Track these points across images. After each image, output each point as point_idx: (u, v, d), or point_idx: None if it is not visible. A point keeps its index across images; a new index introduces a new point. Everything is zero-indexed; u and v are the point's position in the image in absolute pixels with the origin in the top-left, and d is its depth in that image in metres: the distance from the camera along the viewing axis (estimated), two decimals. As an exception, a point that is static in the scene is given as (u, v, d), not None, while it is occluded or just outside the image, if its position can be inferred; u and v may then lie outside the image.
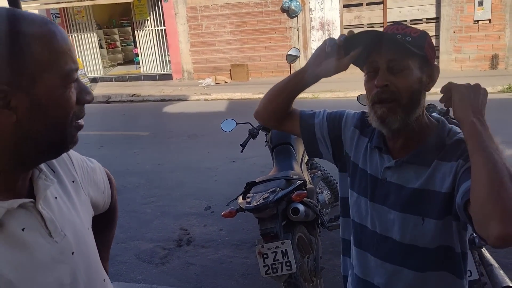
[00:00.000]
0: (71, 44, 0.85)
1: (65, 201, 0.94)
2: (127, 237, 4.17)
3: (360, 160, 1.36)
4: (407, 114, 1.19)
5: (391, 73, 1.17)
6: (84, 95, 0.87)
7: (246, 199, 2.67)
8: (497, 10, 10.46)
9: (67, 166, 1.02)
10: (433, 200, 1.18)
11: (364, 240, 1.35)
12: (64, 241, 0.88)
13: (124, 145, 7.16)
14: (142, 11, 13.29)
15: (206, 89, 11.46)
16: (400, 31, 1.18)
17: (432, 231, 1.20)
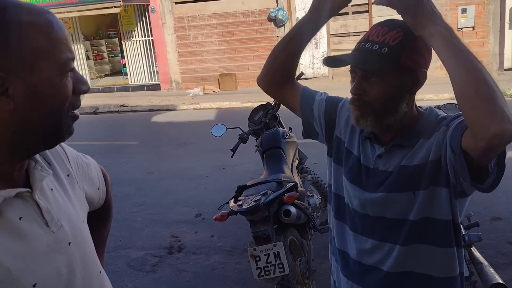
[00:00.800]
0: (67, 33, 0.86)
1: (61, 194, 0.95)
2: (117, 246, 4.13)
3: (355, 148, 1.37)
4: (379, 119, 1.21)
5: (366, 82, 1.19)
6: (80, 85, 0.88)
7: (237, 202, 2.68)
8: (480, 18, 10.67)
9: (62, 160, 1.02)
10: (419, 173, 1.20)
11: (359, 223, 1.35)
12: (61, 231, 0.88)
13: (113, 155, 7.11)
14: (129, 22, 13.29)
15: (195, 99, 11.46)
16: (380, 39, 1.17)
17: (424, 202, 1.22)
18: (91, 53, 15.76)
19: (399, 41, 1.15)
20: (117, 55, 17.08)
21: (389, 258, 1.29)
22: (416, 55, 1.17)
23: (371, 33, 1.21)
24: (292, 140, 3.54)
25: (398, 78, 1.17)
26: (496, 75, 10.72)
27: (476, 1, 10.63)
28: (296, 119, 1.51)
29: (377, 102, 1.19)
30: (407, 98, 1.22)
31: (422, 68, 1.20)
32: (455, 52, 1.05)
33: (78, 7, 12.16)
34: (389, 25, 1.20)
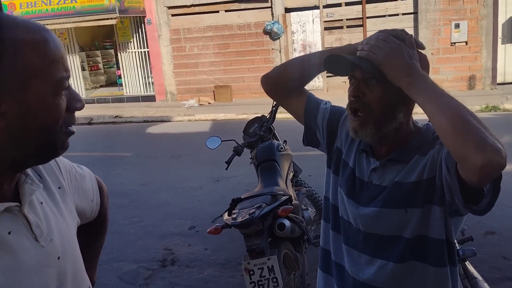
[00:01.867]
0: (64, 51, 0.85)
1: (51, 207, 0.94)
2: (109, 259, 4.08)
3: (351, 160, 1.38)
4: (378, 127, 1.22)
5: (365, 85, 1.20)
6: (74, 103, 0.87)
7: (231, 215, 2.66)
8: (473, 33, 10.80)
9: (54, 172, 1.01)
10: (413, 191, 1.21)
11: (351, 237, 1.35)
12: (50, 245, 0.87)
13: (107, 166, 7.07)
14: (125, 33, 13.33)
15: (190, 110, 11.46)
16: None
17: (416, 220, 1.22)
18: (86, 63, 15.77)
19: None
20: (112, 66, 17.10)
21: (382, 275, 1.29)
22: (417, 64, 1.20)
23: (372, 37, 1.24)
24: (287, 153, 3.54)
25: (395, 85, 1.19)
26: (489, 89, 10.83)
27: (469, 17, 10.77)
28: (290, 132, 1.52)
29: (375, 106, 1.20)
30: (404, 108, 1.23)
31: None
32: (429, 98, 1.09)
33: (74, 18, 12.20)
34: (396, 35, 1.23)
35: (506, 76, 11.17)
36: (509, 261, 3.51)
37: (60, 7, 12.13)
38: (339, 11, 11.57)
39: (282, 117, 9.65)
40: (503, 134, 7.24)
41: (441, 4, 10.84)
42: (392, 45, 1.15)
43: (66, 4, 12.11)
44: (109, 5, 11.67)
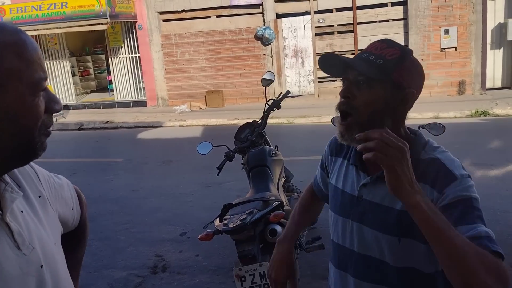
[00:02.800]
0: (41, 53, 0.85)
1: (31, 216, 0.93)
2: (100, 266, 4.04)
3: (335, 179, 1.38)
4: (363, 131, 1.17)
5: (356, 87, 1.19)
6: (52, 104, 0.87)
7: (223, 221, 2.64)
8: (463, 38, 10.92)
9: (32, 181, 1.00)
10: (410, 222, 1.14)
11: (343, 260, 1.34)
12: (33, 253, 0.87)
13: (97, 172, 7.02)
14: (116, 38, 13.29)
15: (181, 116, 11.44)
16: (377, 52, 1.20)
17: (409, 251, 1.19)
18: (77, 69, 15.68)
19: (395, 57, 1.19)
20: (103, 71, 17.03)
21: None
22: (408, 75, 1.19)
23: (370, 46, 1.24)
24: (278, 158, 3.54)
25: (386, 91, 1.18)
26: (479, 94, 10.93)
27: (458, 22, 10.89)
28: (282, 138, 1.50)
29: (363, 109, 1.18)
30: (394, 114, 1.21)
31: (412, 89, 1.20)
32: (435, 233, 1.02)
33: (64, 23, 12.14)
34: (388, 43, 1.23)
35: (495, 81, 11.30)
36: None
37: (51, 12, 12.06)
38: (330, 17, 11.64)
39: (273, 123, 9.70)
40: (493, 139, 7.31)
41: (430, 10, 10.96)
42: (396, 153, 1.03)
43: (57, 10, 12.05)
44: (100, 11, 11.63)
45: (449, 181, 1.14)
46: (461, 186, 1.14)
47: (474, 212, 1.11)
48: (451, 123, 8.23)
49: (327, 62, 1.26)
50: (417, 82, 1.22)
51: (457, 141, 6.64)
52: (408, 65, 1.20)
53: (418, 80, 1.22)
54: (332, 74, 1.29)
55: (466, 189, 1.14)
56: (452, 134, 7.08)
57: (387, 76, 1.17)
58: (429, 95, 11.19)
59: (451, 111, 9.37)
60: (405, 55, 1.20)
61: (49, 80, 13.88)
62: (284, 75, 12.17)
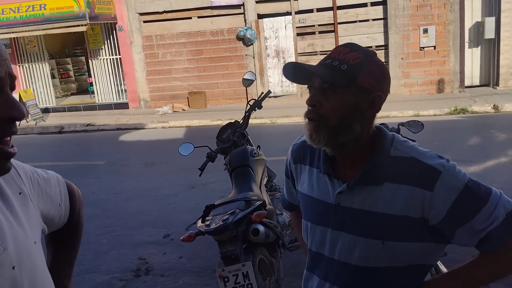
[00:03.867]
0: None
1: (6, 214, 0.89)
2: (81, 270, 3.98)
3: (306, 188, 1.36)
4: (332, 136, 1.19)
5: (322, 94, 1.18)
6: (7, 109, 0.79)
7: (205, 222, 2.63)
8: (441, 37, 11.08)
9: (12, 177, 0.97)
10: (396, 224, 1.17)
11: (322, 268, 1.32)
12: (4, 255, 0.84)
13: (78, 175, 6.92)
14: (96, 40, 13.13)
15: (164, 117, 11.36)
16: (341, 57, 1.19)
17: (394, 253, 1.19)
18: (56, 71, 15.45)
19: (359, 61, 1.17)
20: (83, 73, 16.81)
21: None
22: (373, 79, 1.18)
23: (333, 51, 1.22)
24: (260, 158, 3.54)
25: (353, 96, 1.17)
26: (458, 92, 11.11)
27: (436, 22, 11.05)
28: (264, 138, 1.51)
29: (331, 116, 1.18)
30: (362, 119, 1.20)
31: (379, 92, 1.19)
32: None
33: (43, 25, 11.95)
34: (351, 47, 1.21)
35: (474, 79, 11.50)
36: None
37: (29, 14, 11.86)
38: (311, 17, 11.70)
39: (255, 123, 9.70)
40: (471, 136, 7.44)
41: (409, 10, 11.10)
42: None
43: (35, 12, 11.85)
44: (79, 12, 11.48)
45: (436, 176, 1.14)
46: (449, 177, 1.14)
47: (477, 195, 1.14)
48: (431, 120, 8.35)
49: (291, 71, 1.25)
50: (383, 85, 1.21)
51: (437, 138, 6.75)
52: (372, 68, 1.18)
53: (384, 82, 1.21)
54: (297, 82, 1.28)
55: (454, 177, 1.15)
56: (432, 131, 7.19)
57: (352, 82, 1.16)
58: (409, 93, 11.34)
59: (431, 109, 9.51)
60: (368, 58, 1.19)
61: (29, 83, 13.65)
62: (267, 75, 12.19)
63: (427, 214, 1.15)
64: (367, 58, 1.19)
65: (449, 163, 1.17)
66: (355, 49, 1.20)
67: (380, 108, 1.21)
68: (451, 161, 1.18)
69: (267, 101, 4.18)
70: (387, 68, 1.26)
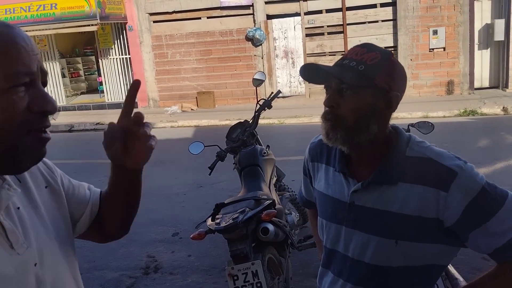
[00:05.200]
0: (24, 47, 0.81)
1: (29, 211, 0.91)
2: (91, 267, 4.03)
3: (322, 186, 1.37)
4: (349, 135, 1.19)
5: (340, 95, 1.19)
6: (40, 103, 0.82)
7: (215, 220, 2.66)
8: (451, 39, 11.03)
9: (39, 171, 0.99)
10: (409, 224, 1.17)
11: (336, 265, 1.34)
12: (27, 252, 0.85)
13: (88, 173, 6.97)
14: (107, 39, 13.23)
15: (173, 117, 11.41)
16: (358, 57, 1.19)
17: (407, 253, 1.19)
18: (67, 70, 15.59)
19: (376, 62, 1.18)
20: (93, 72, 16.94)
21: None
22: (391, 79, 1.19)
23: (350, 52, 1.23)
24: (270, 157, 3.56)
25: (371, 96, 1.18)
26: (467, 94, 11.05)
27: (446, 23, 11.00)
28: (273, 137, 1.52)
29: (349, 117, 1.18)
30: (379, 119, 1.21)
31: (395, 92, 1.20)
32: None
33: (54, 25, 12.06)
34: (368, 47, 1.22)
35: (483, 81, 11.43)
36: (488, 261, 3.53)
37: (40, 13, 11.98)
38: (320, 18, 11.69)
39: (265, 123, 9.72)
40: (481, 138, 7.40)
41: (419, 11, 11.06)
42: None
43: (46, 11, 11.97)
44: (90, 12, 11.58)
45: (452, 177, 1.13)
46: (466, 179, 1.14)
47: (494, 198, 1.13)
48: (440, 122, 8.31)
49: (309, 72, 1.26)
50: (399, 84, 1.22)
51: (446, 140, 6.72)
52: (389, 68, 1.19)
53: (401, 82, 1.22)
54: (314, 82, 1.29)
55: (471, 179, 1.14)
56: (441, 133, 7.16)
57: (370, 82, 1.17)
58: (418, 95, 11.30)
59: (440, 110, 9.47)
60: (386, 59, 1.19)
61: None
62: (275, 76, 12.20)
63: (442, 215, 1.14)
64: (385, 58, 1.19)
65: (466, 164, 1.16)
66: (372, 49, 1.21)
67: (396, 107, 1.22)
68: (470, 164, 1.17)
69: (275, 101, 4.20)
70: (403, 67, 1.25)
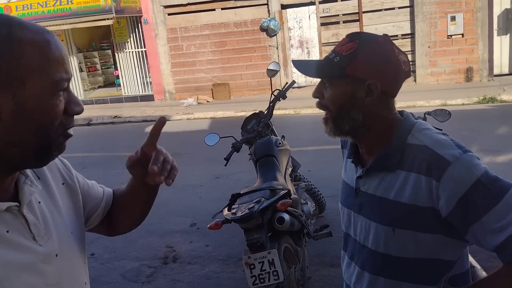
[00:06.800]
0: (65, 54, 0.87)
1: (49, 206, 0.97)
2: (111, 257, 4.12)
3: (343, 171, 1.44)
4: (336, 125, 1.25)
5: (324, 87, 1.26)
6: (73, 106, 0.89)
7: (231, 210, 2.69)
8: (469, 25, 10.82)
9: (57, 168, 1.05)
10: (405, 212, 1.17)
11: (350, 249, 1.38)
12: (48, 244, 0.91)
13: (107, 166, 7.09)
14: (122, 33, 13.33)
15: (189, 109, 11.48)
16: (338, 48, 1.22)
17: (406, 242, 1.19)
18: (84, 65, 15.78)
19: (351, 52, 1.19)
20: (110, 66, 17.11)
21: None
22: (368, 66, 1.18)
23: (337, 44, 1.26)
24: (285, 148, 3.57)
25: (348, 86, 1.21)
26: (486, 81, 10.85)
27: (464, 9, 10.78)
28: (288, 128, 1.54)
29: (331, 106, 1.24)
30: (362, 107, 1.21)
31: (374, 80, 1.18)
32: None
33: (70, 19, 12.21)
34: (351, 37, 1.23)
35: (503, 67, 11.20)
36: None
37: (56, 8, 12.13)
38: (335, 7, 11.58)
39: (280, 113, 9.71)
40: (500, 125, 7.27)
41: (436, -3, 10.87)
42: None
43: (62, 6, 12.11)
44: (105, 6, 11.67)
45: (444, 166, 1.10)
46: (459, 169, 1.10)
47: (490, 191, 1.08)
48: (459, 110, 8.20)
49: (301, 67, 1.33)
50: (378, 72, 1.18)
51: (465, 128, 6.63)
52: (366, 56, 1.17)
53: (380, 68, 1.18)
54: (310, 75, 1.34)
55: (465, 170, 1.09)
56: (460, 120, 7.07)
57: (341, 73, 1.19)
58: (437, 82, 11.13)
59: (459, 98, 9.32)
60: (363, 47, 1.18)
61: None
62: (290, 66, 12.15)
63: (437, 204, 1.12)
64: (361, 47, 1.18)
65: (464, 154, 1.11)
66: (353, 39, 1.21)
67: (378, 95, 1.19)
68: (471, 153, 1.12)
69: (290, 91, 4.20)
70: (394, 52, 1.20)
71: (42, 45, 0.82)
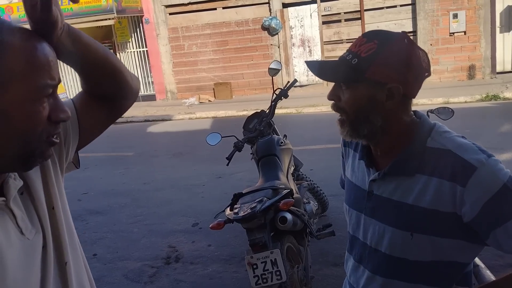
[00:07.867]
0: (52, 61, 0.85)
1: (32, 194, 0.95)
2: (114, 257, 4.11)
3: (349, 172, 1.38)
4: (353, 128, 1.19)
5: (340, 89, 1.19)
6: (58, 113, 0.87)
7: (233, 210, 2.67)
8: (471, 22, 10.78)
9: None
10: (425, 217, 1.14)
11: (357, 252, 1.34)
12: (36, 237, 0.91)
13: (109, 166, 7.10)
14: (124, 33, 13.34)
15: (190, 108, 11.48)
16: (355, 49, 1.15)
17: (424, 246, 1.16)
18: (85, 65, 15.78)
19: (371, 53, 1.12)
20: (112, 66, 17.11)
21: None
22: (389, 69, 1.12)
23: (353, 43, 1.20)
24: (287, 147, 3.55)
25: (367, 89, 1.15)
26: (489, 78, 10.81)
27: (466, 6, 10.75)
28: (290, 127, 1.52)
29: (348, 110, 1.18)
30: (382, 111, 1.16)
31: (395, 83, 1.13)
32: None
33: (72, 20, 12.19)
34: (368, 36, 1.16)
35: (505, 65, 11.16)
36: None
37: (58, 9, 12.13)
38: (336, 5, 11.55)
39: (282, 112, 9.69)
40: (503, 123, 7.24)
41: (438, -5, 10.84)
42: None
43: (64, 6, 12.10)
44: (107, 6, 11.68)
45: (470, 172, 1.07)
46: (486, 175, 1.07)
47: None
48: (461, 107, 8.17)
49: (314, 69, 1.25)
50: (401, 74, 1.13)
51: (468, 126, 6.60)
52: (386, 58, 1.12)
53: (405, 70, 1.13)
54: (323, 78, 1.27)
55: (492, 175, 1.08)
56: (463, 118, 7.04)
57: (361, 76, 1.13)
58: (439, 80, 11.10)
59: (462, 95, 9.29)
60: (383, 48, 1.12)
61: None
62: (292, 65, 12.14)
63: (460, 210, 1.09)
64: (381, 48, 1.12)
65: (489, 159, 1.09)
66: (371, 38, 1.15)
67: (399, 98, 1.14)
68: (495, 158, 1.10)
69: (292, 90, 4.18)
70: (414, 51, 1.15)
71: (26, 50, 0.81)
